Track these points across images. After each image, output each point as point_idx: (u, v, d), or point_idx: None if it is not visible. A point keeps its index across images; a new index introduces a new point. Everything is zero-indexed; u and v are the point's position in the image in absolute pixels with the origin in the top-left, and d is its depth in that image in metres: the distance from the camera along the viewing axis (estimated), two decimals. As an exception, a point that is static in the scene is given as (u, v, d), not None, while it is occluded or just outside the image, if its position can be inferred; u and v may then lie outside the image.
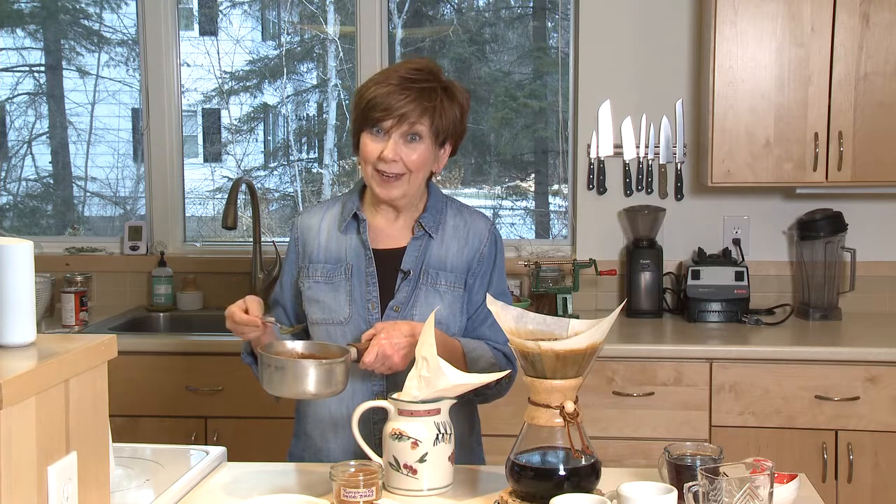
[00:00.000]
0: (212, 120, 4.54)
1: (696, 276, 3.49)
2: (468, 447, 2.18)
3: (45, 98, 4.41)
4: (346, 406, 2.08)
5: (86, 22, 4.31)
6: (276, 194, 4.40)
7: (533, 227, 4.34)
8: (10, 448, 1.28)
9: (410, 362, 1.92)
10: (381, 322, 2.03)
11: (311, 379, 1.89)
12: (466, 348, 2.08)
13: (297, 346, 2.00)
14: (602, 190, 3.73)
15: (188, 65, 4.17)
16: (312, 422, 2.16)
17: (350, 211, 2.14)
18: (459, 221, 2.16)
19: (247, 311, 2.00)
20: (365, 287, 2.11)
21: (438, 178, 2.21)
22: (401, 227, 2.15)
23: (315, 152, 4.47)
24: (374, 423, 2.05)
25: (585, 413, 1.86)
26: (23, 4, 4.32)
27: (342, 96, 4.26)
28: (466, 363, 2.06)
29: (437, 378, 1.85)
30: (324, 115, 4.38)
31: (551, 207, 4.27)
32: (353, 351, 1.97)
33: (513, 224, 4.37)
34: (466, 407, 2.11)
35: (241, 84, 4.39)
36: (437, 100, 2.04)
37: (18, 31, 4.33)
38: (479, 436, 2.29)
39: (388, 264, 2.12)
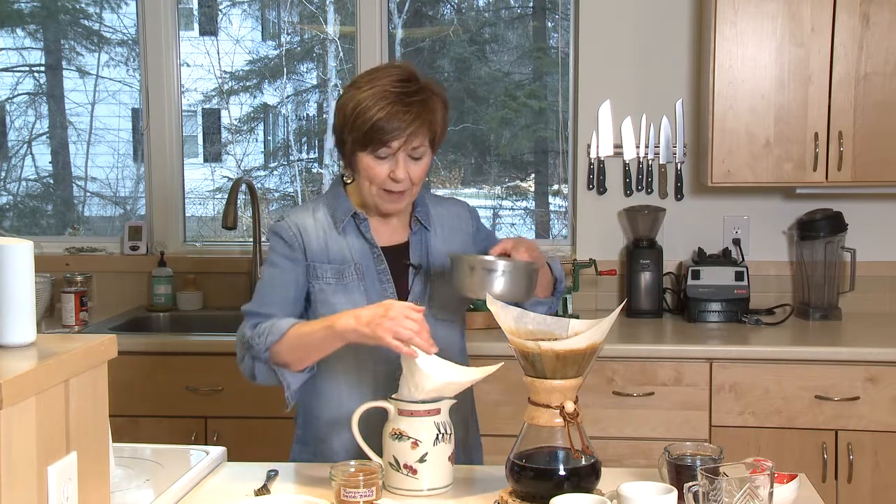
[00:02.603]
0: (212, 120, 4.54)
1: (696, 276, 3.49)
2: (466, 446, 2.18)
3: (45, 98, 4.41)
4: (346, 406, 2.08)
5: (86, 22, 4.31)
6: (276, 194, 4.40)
7: (533, 227, 4.34)
8: (10, 448, 1.28)
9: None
10: (507, 238, 2.07)
11: (529, 281, 2.00)
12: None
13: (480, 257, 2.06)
14: (602, 190, 3.73)
15: (188, 65, 4.17)
16: (327, 425, 2.14)
17: (347, 212, 2.12)
18: (442, 211, 2.21)
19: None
20: (380, 285, 2.10)
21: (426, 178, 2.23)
22: (395, 224, 2.16)
23: (315, 152, 4.47)
24: (374, 420, 2.05)
25: (585, 413, 1.86)
26: (23, 4, 4.32)
27: (342, 96, 4.26)
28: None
29: (422, 380, 1.85)
30: (324, 115, 4.38)
31: (551, 207, 4.27)
32: None
33: (513, 224, 4.37)
34: (463, 406, 2.11)
35: (241, 84, 4.39)
36: (433, 109, 2.04)
37: (18, 31, 4.32)
38: (478, 435, 2.29)
39: (391, 260, 2.13)
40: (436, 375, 1.85)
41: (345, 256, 2.10)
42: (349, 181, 2.15)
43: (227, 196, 3.63)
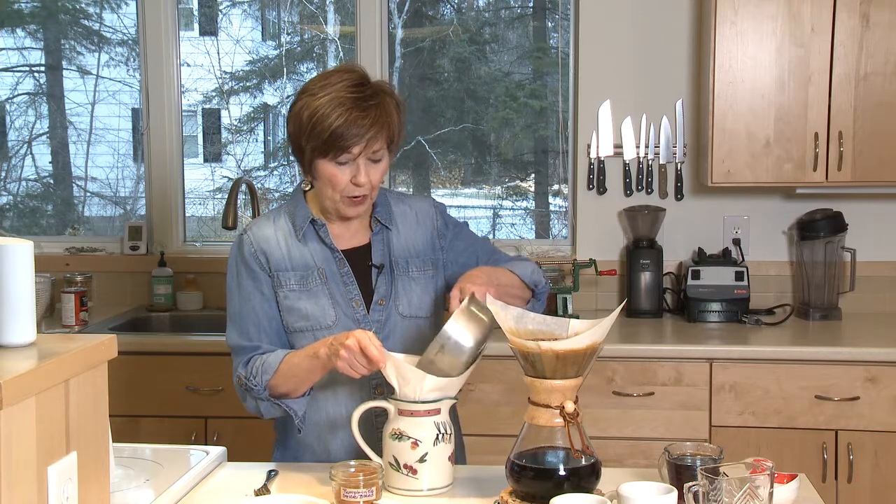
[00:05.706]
0: (212, 120, 4.54)
1: (696, 276, 3.49)
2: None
3: (45, 98, 4.41)
4: (346, 406, 2.08)
5: (86, 22, 4.31)
6: (276, 194, 4.40)
7: (533, 227, 4.34)
8: (10, 448, 1.28)
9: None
10: (460, 280, 2.00)
11: (478, 323, 1.84)
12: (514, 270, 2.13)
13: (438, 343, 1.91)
14: (602, 190, 3.73)
15: (188, 65, 4.17)
16: (308, 428, 2.13)
17: (305, 218, 2.13)
18: (404, 208, 2.21)
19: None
20: (344, 287, 2.12)
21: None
22: (356, 227, 2.17)
23: (315, 152, 4.46)
24: (377, 416, 2.05)
25: (585, 413, 1.86)
26: (23, 4, 4.32)
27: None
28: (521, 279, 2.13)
29: (419, 383, 1.86)
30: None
31: (551, 207, 4.27)
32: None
33: (513, 224, 4.37)
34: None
35: (241, 84, 4.39)
36: (389, 112, 2.05)
37: (18, 31, 4.32)
38: (461, 434, 2.29)
39: (354, 263, 2.14)
40: (430, 377, 1.86)
41: (307, 262, 2.12)
42: (307, 188, 2.17)
43: (227, 196, 3.63)
